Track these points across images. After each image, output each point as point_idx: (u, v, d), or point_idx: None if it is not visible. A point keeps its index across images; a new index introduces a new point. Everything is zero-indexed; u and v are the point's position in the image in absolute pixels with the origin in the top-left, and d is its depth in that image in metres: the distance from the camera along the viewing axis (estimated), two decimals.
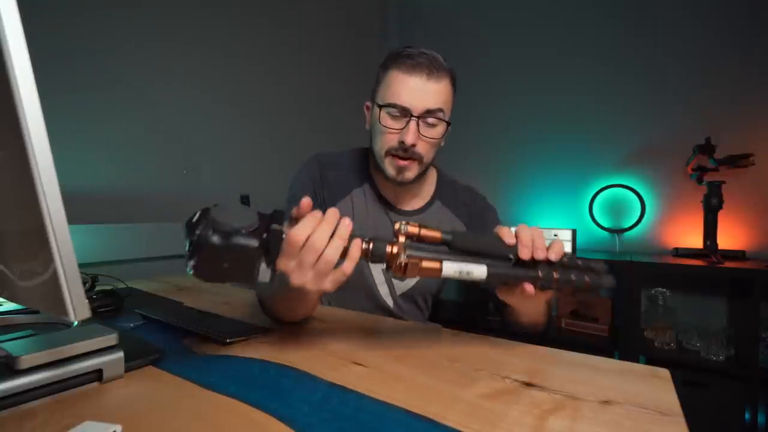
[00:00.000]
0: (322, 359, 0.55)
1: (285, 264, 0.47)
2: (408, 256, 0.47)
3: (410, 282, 0.86)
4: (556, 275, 0.52)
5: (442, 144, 0.81)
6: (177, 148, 1.44)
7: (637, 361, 1.19)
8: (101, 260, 1.16)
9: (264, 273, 0.48)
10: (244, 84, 1.68)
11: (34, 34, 0.34)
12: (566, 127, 2.05)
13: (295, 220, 0.48)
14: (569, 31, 2.05)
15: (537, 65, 2.13)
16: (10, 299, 0.47)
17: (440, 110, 0.73)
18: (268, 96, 1.79)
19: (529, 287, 0.50)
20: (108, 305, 0.81)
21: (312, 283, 0.47)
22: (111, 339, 0.47)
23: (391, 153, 0.75)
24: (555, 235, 1.85)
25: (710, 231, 1.61)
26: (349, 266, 0.47)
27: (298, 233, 0.45)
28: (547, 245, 0.53)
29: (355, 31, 2.37)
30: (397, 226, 0.49)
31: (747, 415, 1.40)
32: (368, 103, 0.81)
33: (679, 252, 1.72)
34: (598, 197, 1.94)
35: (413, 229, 0.49)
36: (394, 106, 0.72)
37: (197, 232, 0.43)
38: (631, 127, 1.89)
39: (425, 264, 0.47)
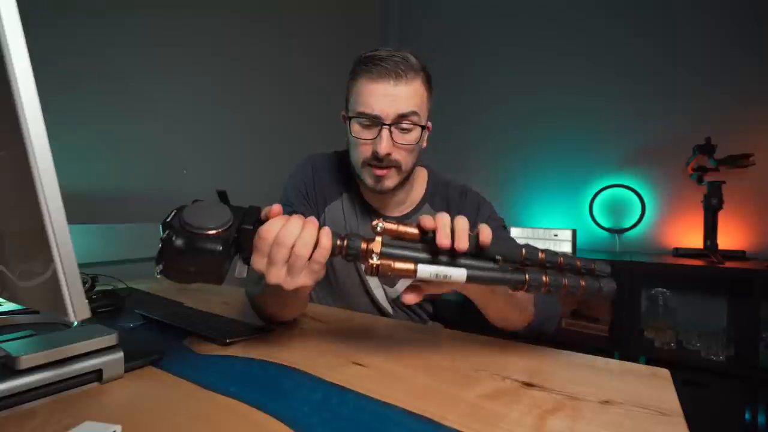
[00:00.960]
0: (322, 359, 0.55)
1: (258, 262, 0.47)
2: (381, 255, 0.45)
3: (399, 287, 0.84)
4: (545, 278, 0.47)
5: (424, 146, 0.78)
6: (177, 148, 1.44)
7: (637, 361, 1.19)
8: (101, 260, 1.16)
9: (241, 269, 0.49)
10: (245, 84, 1.68)
11: (34, 34, 0.34)
12: (566, 127, 2.05)
13: (263, 221, 0.48)
14: (570, 32, 2.05)
15: (537, 65, 2.13)
16: (10, 299, 0.47)
17: (413, 113, 0.69)
18: (268, 96, 1.79)
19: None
20: (108, 305, 0.81)
21: (287, 279, 0.47)
22: (111, 339, 0.47)
23: (367, 163, 0.72)
24: (555, 235, 1.85)
25: (710, 231, 1.61)
26: (320, 254, 0.46)
27: (266, 230, 0.45)
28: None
29: (355, 32, 2.37)
30: (374, 223, 0.46)
31: (747, 415, 1.40)
32: (343, 113, 0.78)
33: (679, 252, 1.72)
34: (598, 197, 1.94)
35: (391, 226, 0.46)
36: (363, 115, 0.69)
37: (163, 235, 0.43)
38: (631, 127, 1.89)
39: (398, 265, 0.44)
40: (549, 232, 1.88)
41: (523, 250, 0.48)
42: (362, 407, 0.41)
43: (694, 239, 1.73)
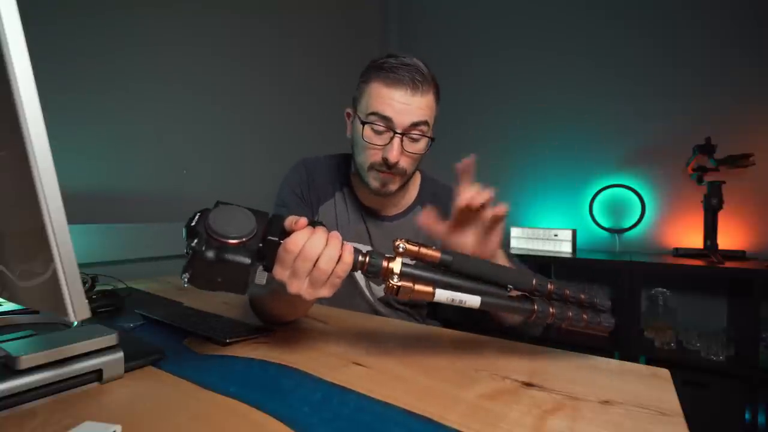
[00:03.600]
0: (322, 359, 0.55)
1: (280, 273, 0.47)
2: (401, 275, 0.47)
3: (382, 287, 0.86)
4: (552, 310, 0.50)
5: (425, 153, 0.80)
6: (177, 148, 1.43)
7: (637, 361, 1.19)
8: (101, 260, 1.16)
9: (260, 276, 0.49)
10: (244, 84, 1.68)
11: (34, 34, 0.34)
12: (566, 127, 2.05)
13: (287, 233, 0.48)
14: (570, 32, 2.05)
15: (537, 65, 2.13)
16: (10, 299, 0.47)
17: (425, 123, 0.71)
18: (268, 96, 1.79)
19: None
20: (108, 305, 0.81)
21: (308, 291, 0.48)
22: (111, 339, 0.47)
23: (374, 168, 0.74)
24: (555, 235, 1.85)
25: (710, 231, 1.61)
26: (341, 269, 0.47)
27: (292, 242, 0.46)
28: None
29: (355, 32, 2.37)
30: (396, 243, 0.48)
31: (747, 415, 1.40)
32: (349, 111, 0.79)
33: (679, 252, 1.72)
34: (599, 197, 1.94)
35: (412, 248, 0.49)
36: (376, 122, 0.70)
37: (193, 245, 0.43)
38: (631, 127, 1.89)
39: (418, 288, 0.47)
40: (549, 232, 1.87)
41: (534, 280, 0.51)
42: (363, 407, 0.42)
43: (694, 239, 1.73)
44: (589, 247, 1.99)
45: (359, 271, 0.49)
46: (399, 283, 0.46)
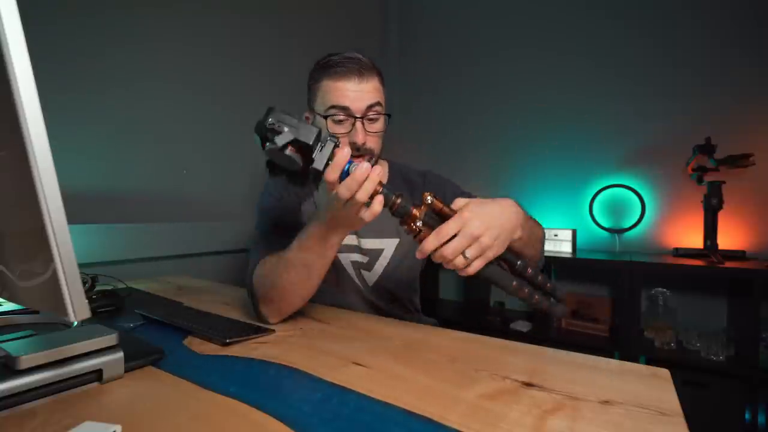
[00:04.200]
0: (322, 359, 0.55)
1: (332, 175, 0.55)
2: (424, 222, 0.57)
3: (376, 273, 0.88)
4: (515, 284, 0.60)
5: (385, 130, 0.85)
6: (177, 148, 1.43)
7: (637, 361, 1.19)
8: (101, 260, 1.16)
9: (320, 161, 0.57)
10: (244, 84, 1.68)
11: (34, 34, 0.34)
12: (566, 127, 2.04)
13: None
14: (570, 32, 2.04)
15: (537, 65, 2.13)
16: (10, 299, 0.47)
17: (378, 103, 0.77)
18: (268, 96, 1.79)
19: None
20: (108, 305, 0.81)
21: (353, 203, 0.56)
22: (111, 339, 0.47)
23: None
24: (555, 235, 1.85)
25: (710, 231, 1.61)
26: (377, 205, 0.56)
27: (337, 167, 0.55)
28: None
29: (355, 32, 2.37)
30: (425, 195, 0.57)
31: (747, 415, 1.40)
32: (307, 114, 0.83)
33: (679, 252, 1.72)
34: (598, 197, 1.94)
35: (437, 203, 0.58)
36: (337, 113, 0.75)
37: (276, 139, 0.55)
38: (631, 127, 1.89)
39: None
40: (549, 232, 1.87)
41: (519, 261, 0.61)
42: (362, 407, 0.42)
43: (694, 239, 1.73)
44: (589, 247, 1.99)
45: (392, 214, 0.58)
46: (421, 226, 0.56)
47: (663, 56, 1.82)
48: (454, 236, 0.55)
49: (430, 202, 0.58)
